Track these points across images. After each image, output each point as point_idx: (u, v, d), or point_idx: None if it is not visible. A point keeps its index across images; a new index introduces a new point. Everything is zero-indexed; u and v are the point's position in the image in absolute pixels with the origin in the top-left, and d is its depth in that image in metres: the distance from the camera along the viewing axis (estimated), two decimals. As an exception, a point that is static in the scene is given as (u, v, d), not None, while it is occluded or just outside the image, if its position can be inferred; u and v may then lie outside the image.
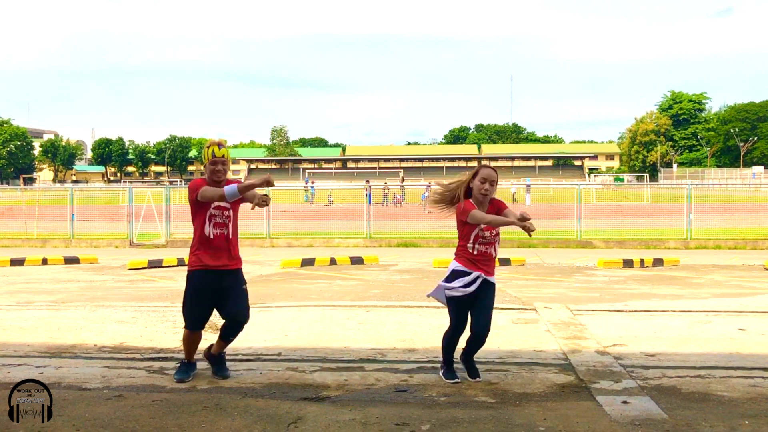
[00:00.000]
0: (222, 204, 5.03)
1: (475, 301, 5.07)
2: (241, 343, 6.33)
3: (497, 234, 5.12)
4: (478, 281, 5.02)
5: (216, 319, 7.44)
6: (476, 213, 4.97)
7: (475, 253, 5.07)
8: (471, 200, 5.06)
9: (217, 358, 5.36)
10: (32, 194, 26.35)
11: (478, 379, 5.14)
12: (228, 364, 5.59)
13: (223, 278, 5.06)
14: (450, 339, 5.21)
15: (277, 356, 5.88)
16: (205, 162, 5.15)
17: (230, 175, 5.31)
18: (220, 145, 5.15)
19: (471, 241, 5.07)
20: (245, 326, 5.25)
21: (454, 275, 5.07)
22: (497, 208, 5.09)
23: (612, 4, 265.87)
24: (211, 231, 5.03)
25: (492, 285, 5.14)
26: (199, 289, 5.07)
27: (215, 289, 5.07)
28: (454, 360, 5.27)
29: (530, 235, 5.16)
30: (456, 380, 5.10)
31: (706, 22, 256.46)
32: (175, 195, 19.58)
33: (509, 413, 4.40)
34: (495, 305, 5.60)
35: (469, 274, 5.02)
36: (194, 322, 5.17)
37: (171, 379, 5.17)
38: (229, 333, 5.25)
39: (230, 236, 5.11)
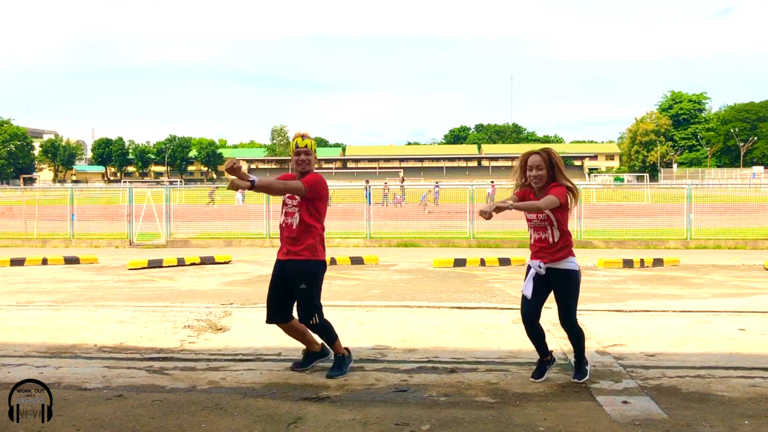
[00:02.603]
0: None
1: (554, 293, 5.00)
2: (241, 343, 6.35)
3: (546, 218, 4.89)
4: (534, 271, 4.93)
5: (216, 319, 7.46)
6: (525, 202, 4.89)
7: (532, 241, 5.04)
8: (526, 189, 4.98)
9: (318, 353, 5.47)
10: (32, 194, 26.35)
11: (575, 380, 5.01)
12: (228, 363, 5.60)
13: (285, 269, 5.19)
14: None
15: (277, 356, 5.87)
16: (290, 154, 5.26)
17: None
18: (303, 136, 5.21)
19: (529, 228, 5.03)
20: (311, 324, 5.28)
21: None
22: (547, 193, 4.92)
23: (612, 4, 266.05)
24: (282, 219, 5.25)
25: (562, 273, 4.92)
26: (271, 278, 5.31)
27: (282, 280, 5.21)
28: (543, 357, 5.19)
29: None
30: (540, 379, 5.06)
31: (706, 22, 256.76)
32: (175, 195, 19.61)
33: (509, 413, 4.40)
34: (495, 305, 5.60)
35: (529, 268, 5.03)
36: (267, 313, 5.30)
37: (171, 379, 5.17)
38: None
39: (294, 226, 5.18)
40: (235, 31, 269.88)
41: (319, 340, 5.42)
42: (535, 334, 5.10)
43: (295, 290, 5.16)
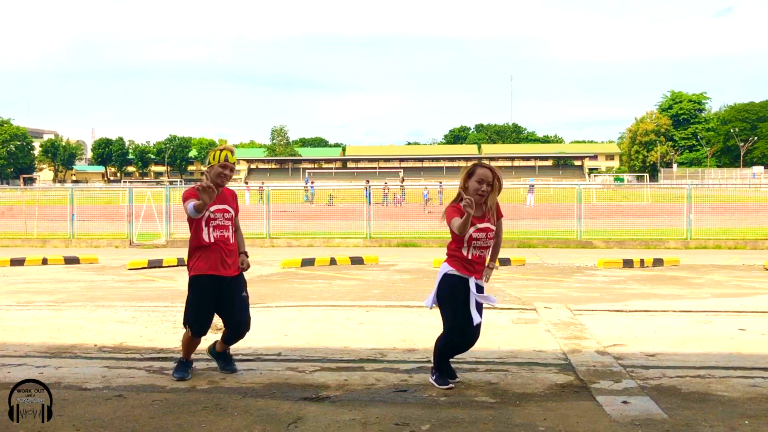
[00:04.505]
0: (220, 207, 5.08)
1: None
2: (241, 343, 6.33)
3: (492, 235, 4.86)
4: (474, 292, 4.85)
5: (216, 319, 7.45)
6: (455, 222, 4.69)
7: (470, 257, 4.86)
8: (460, 203, 4.65)
9: (221, 353, 5.42)
10: (32, 194, 26.34)
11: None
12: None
13: (223, 285, 5.11)
14: (448, 346, 5.00)
15: (277, 356, 5.87)
16: (213, 163, 5.07)
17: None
18: (233, 152, 5.21)
19: (465, 245, 4.81)
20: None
21: (446, 280, 4.86)
22: (498, 218, 4.90)
23: (612, 4, 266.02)
24: (211, 235, 5.05)
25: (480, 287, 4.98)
26: (201, 296, 5.11)
27: (216, 296, 5.12)
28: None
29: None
30: (449, 386, 4.95)
31: (706, 21, 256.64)
32: (175, 195, 19.58)
33: (509, 413, 4.40)
34: (495, 305, 5.60)
35: (464, 279, 4.83)
36: (199, 329, 5.22)
37: (171, 379, 5.17)
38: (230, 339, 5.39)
39: (230, 240, 5.15)
40: (236, 31, 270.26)
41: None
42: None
43: (239, 298, 5.18)
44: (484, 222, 4.83)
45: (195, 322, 5.15)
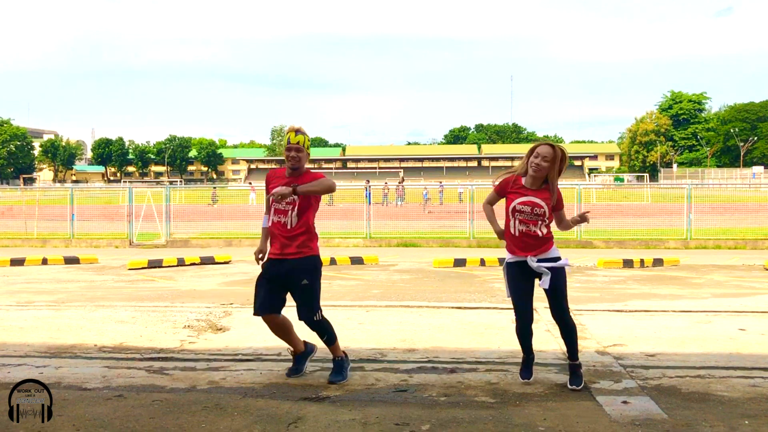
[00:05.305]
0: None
1: (546, 289, 4.81)
2: (241, 343, 6.34)
3: (541, 212, 4.74)
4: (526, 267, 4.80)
5: (216, 319, 7.46)
6: (486, 200, 5.02)
7: (516, 233, 4.85)
8: (510, 181, 4.83)
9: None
10: (32, 194, 26.34)
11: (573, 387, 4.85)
12: (228, 363, 5.59)
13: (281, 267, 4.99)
14: (517, 331, 5.03)
15: (277, 356, 5.87)
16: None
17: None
18: (297, 131, 4.99)
19: (511, 218, 4.83)
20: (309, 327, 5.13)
21: (504, 271, 5.00)
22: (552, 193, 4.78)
23: (612, 4, 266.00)
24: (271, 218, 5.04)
25: (551, 262, 4.77)
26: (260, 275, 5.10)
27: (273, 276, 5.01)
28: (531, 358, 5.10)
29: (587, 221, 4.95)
30: (526, 380, 4.99)
31: (706, 21, 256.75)
32: (175, 195, 19.60)
33: (509, 413, 4.39)
34: (495, 305, 5.58)
35: (511, 265, 4.89)
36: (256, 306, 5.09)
37: (171, 379, 5.17)
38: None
39: (289, 226, 4.97)
40: (236, 31, 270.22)
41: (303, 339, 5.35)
42: (530, 333, 5.06)
43: (294, 287, 4.99)
44: (531, 195, 4.78)
45: (255, 295, 5.11)
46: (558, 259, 4.85)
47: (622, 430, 4.10)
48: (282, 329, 5.17)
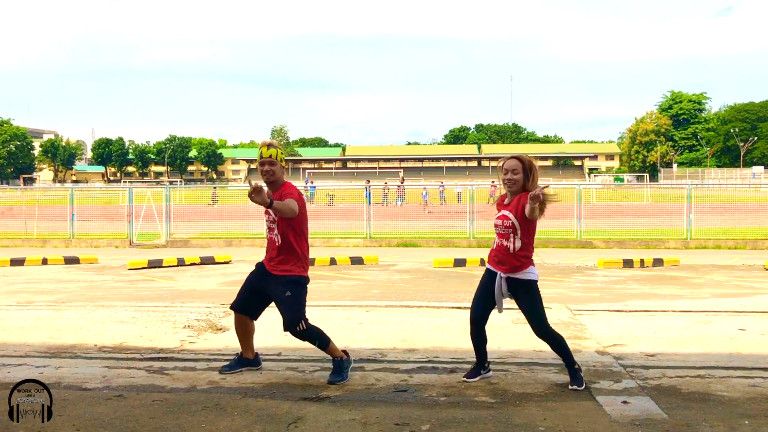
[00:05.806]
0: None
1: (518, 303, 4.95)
2: (241, 343, 6.34)
3: (509, 224, 4.80)
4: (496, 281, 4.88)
5: (216, 319, 7.46)
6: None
7: (494, 246, 5.02)
8: (501, 200, 5.02)
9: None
10: (32, 194, 26.34)
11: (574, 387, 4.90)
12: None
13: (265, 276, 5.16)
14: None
15: (277, 356, 5.87)
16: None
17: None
18: (269, 145, 4.99)
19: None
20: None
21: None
22: (519, 201, 4.79)
23: (612, 4, 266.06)
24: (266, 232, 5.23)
25: (519, 282, 4.84)
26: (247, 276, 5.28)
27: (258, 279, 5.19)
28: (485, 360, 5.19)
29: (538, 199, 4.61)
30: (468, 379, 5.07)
31: (706, 21, 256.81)
32: (175, 195, 19.61)
33: (509, 413, 4.39)
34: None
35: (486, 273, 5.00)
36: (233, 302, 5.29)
37: (171, 379, 5.17)
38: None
39: (277, 243, 5.10)
40: (235, 31, 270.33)
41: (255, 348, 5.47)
42: (482, 338, 5.17)
43: (278, 300, 5.08)
44: (504, 209, 4.90)
45: (239, 293, 5.33)
46: (530, 282, 4.85)
47: (622, 430, 4.10)
48: (243, 331, 5.37)
